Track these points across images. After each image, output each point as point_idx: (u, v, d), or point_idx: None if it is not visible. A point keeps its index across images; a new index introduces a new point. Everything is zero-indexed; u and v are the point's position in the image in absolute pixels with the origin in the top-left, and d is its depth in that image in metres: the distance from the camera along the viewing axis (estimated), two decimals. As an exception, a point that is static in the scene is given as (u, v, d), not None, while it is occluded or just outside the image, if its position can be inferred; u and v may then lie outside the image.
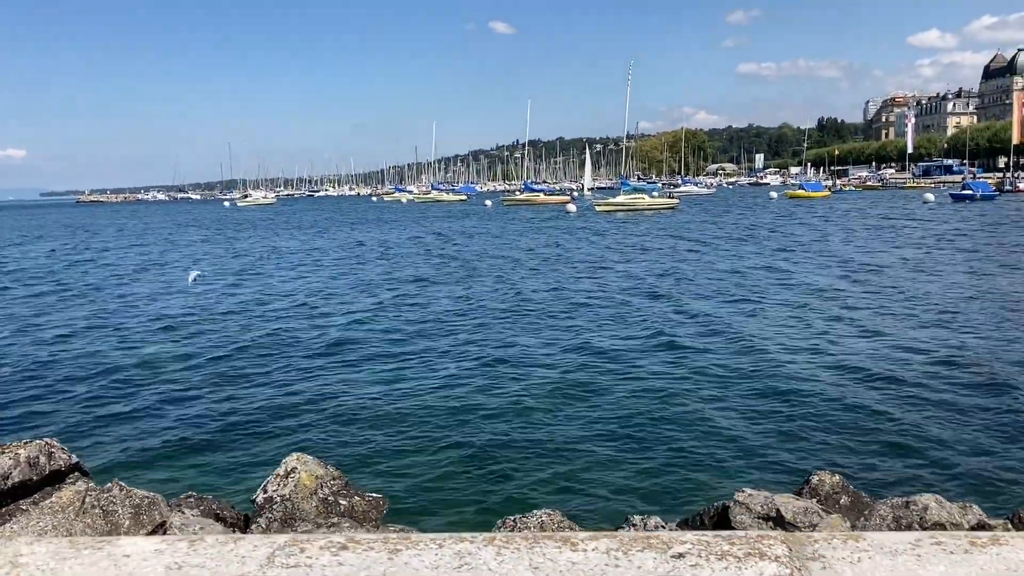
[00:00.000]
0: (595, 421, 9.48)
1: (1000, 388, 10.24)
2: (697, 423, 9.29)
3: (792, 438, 8.74)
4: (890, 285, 19.92)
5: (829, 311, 16.38)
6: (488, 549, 2.25)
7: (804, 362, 11.98)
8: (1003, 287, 19.08)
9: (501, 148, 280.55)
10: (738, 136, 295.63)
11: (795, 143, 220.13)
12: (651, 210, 65.30)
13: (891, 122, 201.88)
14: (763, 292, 19.40)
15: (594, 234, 42.62)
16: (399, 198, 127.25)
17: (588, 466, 8.10)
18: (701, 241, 35.92)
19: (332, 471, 6.17)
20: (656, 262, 27.31)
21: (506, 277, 24.11)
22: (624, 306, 17.81)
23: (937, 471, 7.70)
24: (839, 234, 37.87)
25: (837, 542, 2.23)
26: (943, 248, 29.59)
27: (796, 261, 26.52)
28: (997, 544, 2.16)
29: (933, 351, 12.39)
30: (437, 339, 14.57)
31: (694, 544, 2.22)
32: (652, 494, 7.43)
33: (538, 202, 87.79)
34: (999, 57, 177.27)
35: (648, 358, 12.51)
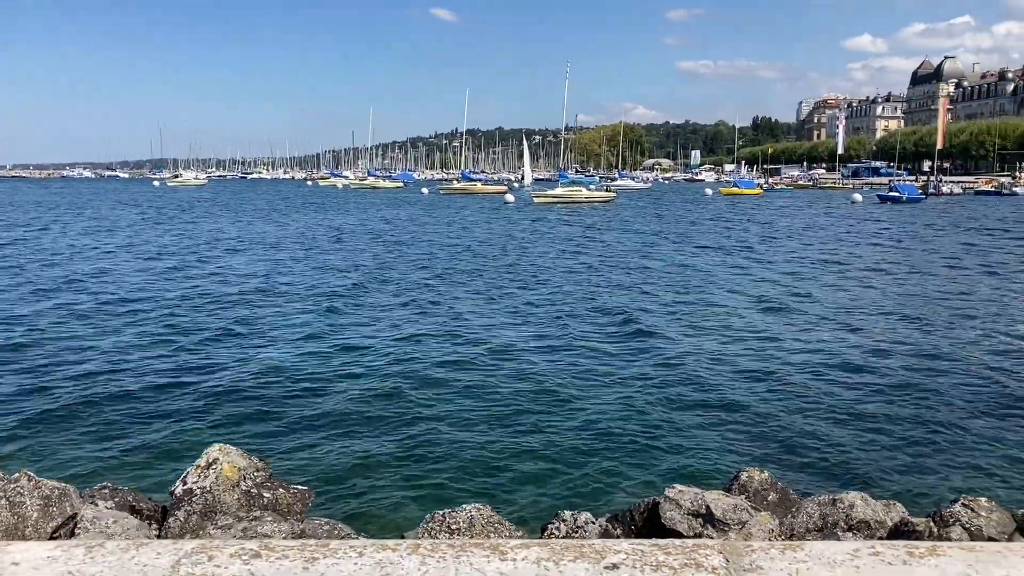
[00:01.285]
0: (529, 414, 9.39)
1: (922, 387, 10.46)
2: (629, 418, 9.27)
3: (723, 434, 8.78)
4: (819, 284, 20.32)
5: (760, 309, 16.60)
6: (412, 558, 2.11)
7: (734, 359, 12.08)
8: (928, 287, 19.61)
9: (440, 136, 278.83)
10: (675, 132, 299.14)
11: (730, 141, 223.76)
12: (588, 203, 65.62)
13: (823, 123, 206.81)
14: (695, 288, 19.60)
15: (540, 224, 42.63)
16: (335, 183, 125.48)
17: (520, 460, 8.00)
18: (641, 236, 36.19)
19: (256, 462, 5.95)
20: (601, 256, 27.40)
21: (458, 267, 23.91)
22: (570, 298, 17.80)
23: (863, 468, 7.81)
24: (771, 233, 38.57)
25: (775, 552, 2.15)
26: (873, 248, 30.35)
27: (730, 259, 26.88)
28: (934, 555, 2.11)
29: (859, 350, 12.64)
30: (372, 330, 14.32)
31: (628, 554, 2.12)
32: (584, 489, 7.37)
33: (475, 191, 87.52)
34: (927, 64, 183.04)
35: (584, 353, 12.49)
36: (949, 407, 9.61)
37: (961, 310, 16.33)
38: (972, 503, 5.24)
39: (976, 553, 2.14)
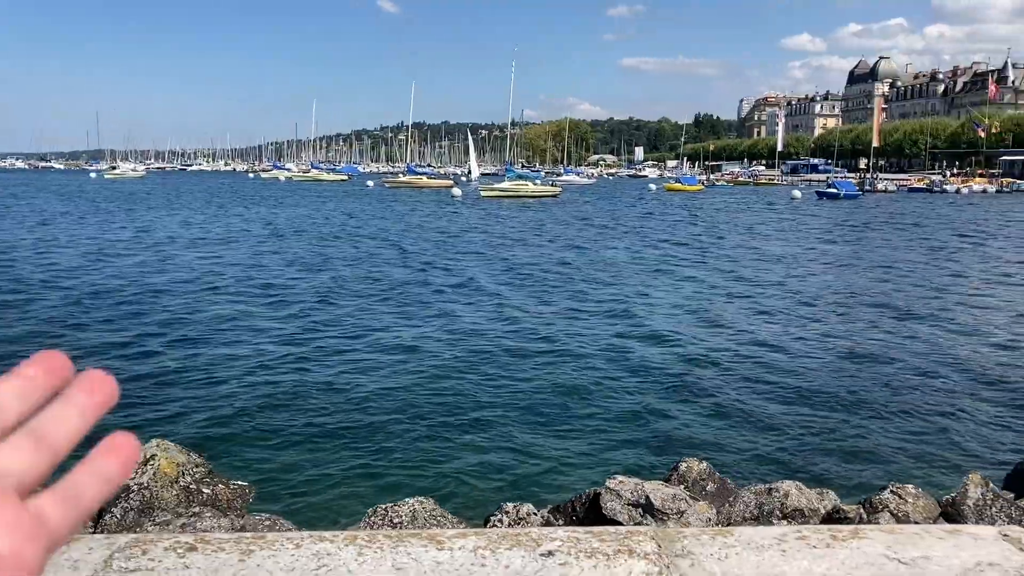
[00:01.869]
0: (473, 408, 9.41)
1: (856, 378, 10.75)
2: (573, 411, 9.35)
3: (665, 425, 8.91)
4: (758, 278, 20.70)
5: (703, 303, 16.86)
6: (349, 549, 2.12)
7: (675, 352, 12.26)
8: (864, 281, 20.12)
9: (385, 129, 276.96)
10: (619, 128, 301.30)
11: (673, 137, 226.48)
12: (534, 197, 65.81)
13: (763, 121, 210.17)
14: (639, 282, 19.81)
15: (492, 218, 42.59)
16: (277, 176, 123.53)
17: (463, 452, 8.02)
18: (588, 231, 36.41)
19: (195, 458, 5.88)
20: (550, 249, 27.51)
21: (410, 259, 23.78)
22: (518, 291, 17.84)
23: (798, 458, 8.00)
24: (714, 228, 39.14)
25: (706, 538, 2.22)
26: (812, 243, 30.99)
27: (673, 252, 27.22)
28: (857, 537, 2.19)
29: (797, 342, 12.92)
30: (315, 324, 14.19)
31: (564, 541, 2.16)
32: (527, 481, 7.42)
33: (421, 185, 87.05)
34: (863, 63, 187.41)
35: (528, 347, 12.54)
36: (881, 397, 9.90)
37: (895, 303, 16.79)
38: (900, 490, 5.42)
39: (895, 535, 2.23)
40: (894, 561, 2.07)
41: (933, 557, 2.12)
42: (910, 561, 2.08)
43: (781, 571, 1.96)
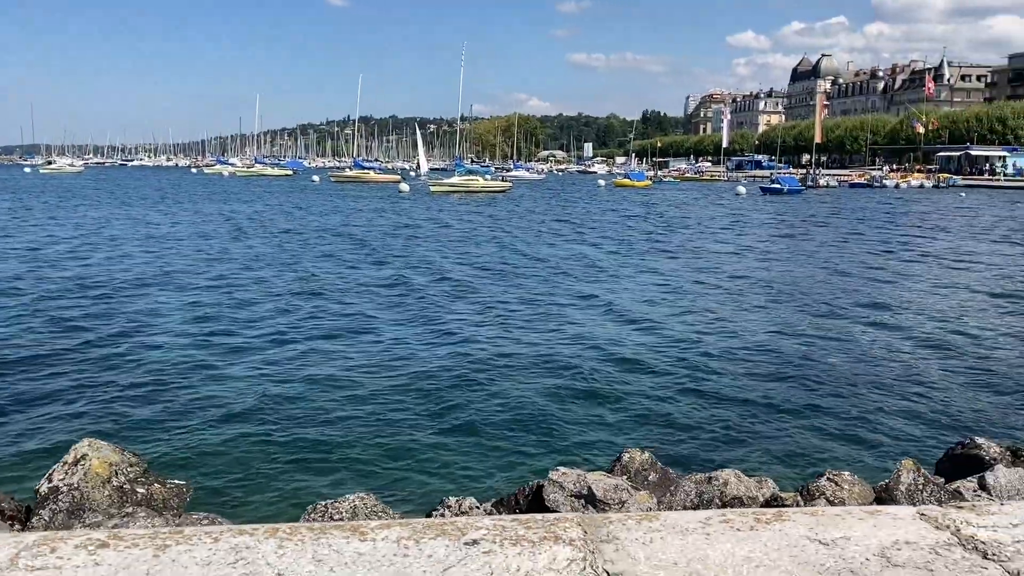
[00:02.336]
0: (415, 401, 9.36)
1: (796, 367, 10.93)
2: (518, 404, 9.34)
3: (609, 417, 8.96)
4: (702, 272, 20.96)
5: (647, 296, 17.00)
6: (269, 542, 2.07)
7: (619, 344, 12.34)
8: (805, 275, 20.49)
9: (331, 123, 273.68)
10: (568, 124, 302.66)
11: (621, 133, 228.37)
12: (485, 192, 65.77)
13: (709, 117, 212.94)
14: (585, 276, 19.92)
15: (442, 214, 42.41)
16: (221, 171, 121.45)
17: (407, 447, 7.96)
18: (540, 225, 36.47)
19: (130, 457, 5.73)
20: (500, 244, 27.49)
21: (360, 254, 23.54)
22: (471, 286, 17.79)
23: (739, 447, 8.10)
24: (661, 223, 39.53)
25: (632, 523, 2.22)
26: (757, 237, 31.47)
27: (619, 247, 27.42)
28: (780, 520, 2.21)
29: (739, 334, 13.10)
30: (253, 321, 13.98)
31: (489, 530, 2.14)
32: (472, 475, 7.40)
33: (368, 180, 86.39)
34: (805, 61, 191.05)
35: (471, 340, 12.52)
36: (819, 387, 10.08)
37: (835, 295, 17.13)
38: (836, 477, 5.51)
39: (818, 517, 2.26)
40: (815, 542, 2.10)
41: (853, 537, 2.15)
42: (830, 542, 2.11)
43: (704, 554, 1.97)
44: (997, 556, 2.09)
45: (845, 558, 2.04)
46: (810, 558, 2.03)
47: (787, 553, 2.02)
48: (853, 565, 2.00)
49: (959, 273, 21.26)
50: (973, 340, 12.77)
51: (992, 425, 8.70)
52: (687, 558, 1.97)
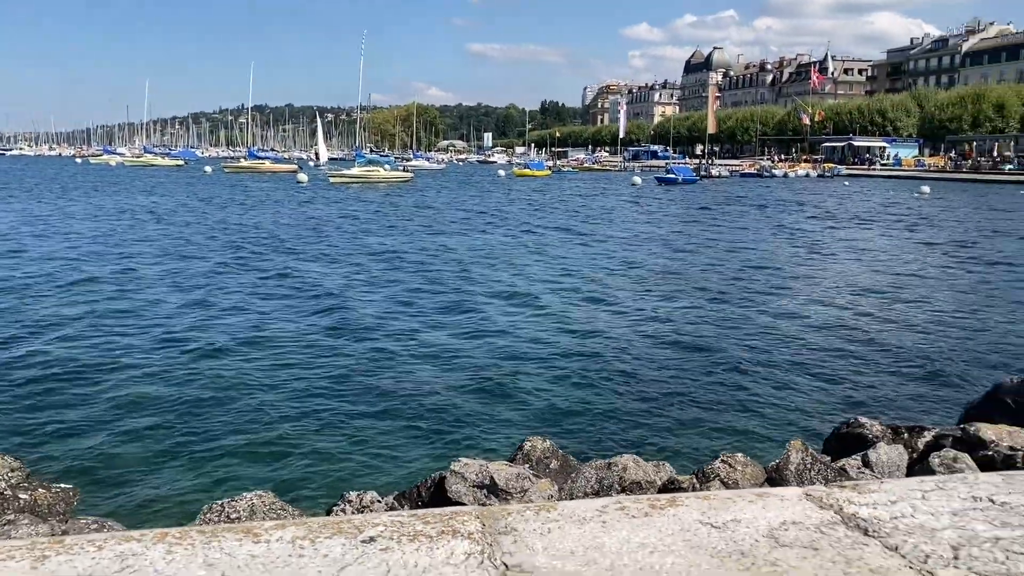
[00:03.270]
0: (316, 395, 9.20)
1: (694, 353, 11.22)
2: (421, 396, 9.30)
3: (510, 407, 9.00)
4: (604, 258, 21.29)
5: (552, 285, 17.15)
6: (158, 548, 1.99)
7: (520, 334, 12.42)
8: (702, 262, 21.05)
9: (225, 112, 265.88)
10: (468, 114, 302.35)
11: (521, 124, 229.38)
12: (387, 183, 65.07)
13: (606, 108, 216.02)
14: (488, 266, 19.96)
15: (344, 205, 41.67)
16: (107, 161, 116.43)
17: (308, 443, 7.82)
18: (444, 216, 36.32)
19: (11, 462, 5.46)
20: (399, 236, 27.21)
21: (247, 248, 22.89)
22: (368, 277, 17.55)
23: (639, 432, 8.26)
24: (562, 212, 39.92)
25: (530, 514, 2.23)
26: (650, 225, 32.13)
27: (522, 238, 27.56)
28: (674, 505, 2.27)
29: (637, 322, 13.36)
30: (142, 316, 13.47)
31: (387, 526, 2.12)
32: (373, 468, 7.32)
33: (264, 170, 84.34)
34: (698, 54, 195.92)
35: (377, 331, 12.38)
36: (714, 372, 10.37)
37: (726, 281, 17.66)
38: (730, 459, 5.68)
39: (710, 501, 2.33)
40: (707, 526, 2.16)
41: (743, 519, 2.23)
42: (721, 525, 2.17)
43: (601, 542, 2.00)
44: (877, 532, 2.20)
45: (736, 540, 2.10)
46: (703, 542, 2.09)
47: (681, 538, 2.07)
48: (743, 547, 2.07)
49: (844, 259, 22.22)
50: (857, 323, 13.38)
51: (878, 403, 9.13)
52: (584, 547, 1.99)
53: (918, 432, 6.48)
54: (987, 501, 2.42)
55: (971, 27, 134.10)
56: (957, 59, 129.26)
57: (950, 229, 31.68)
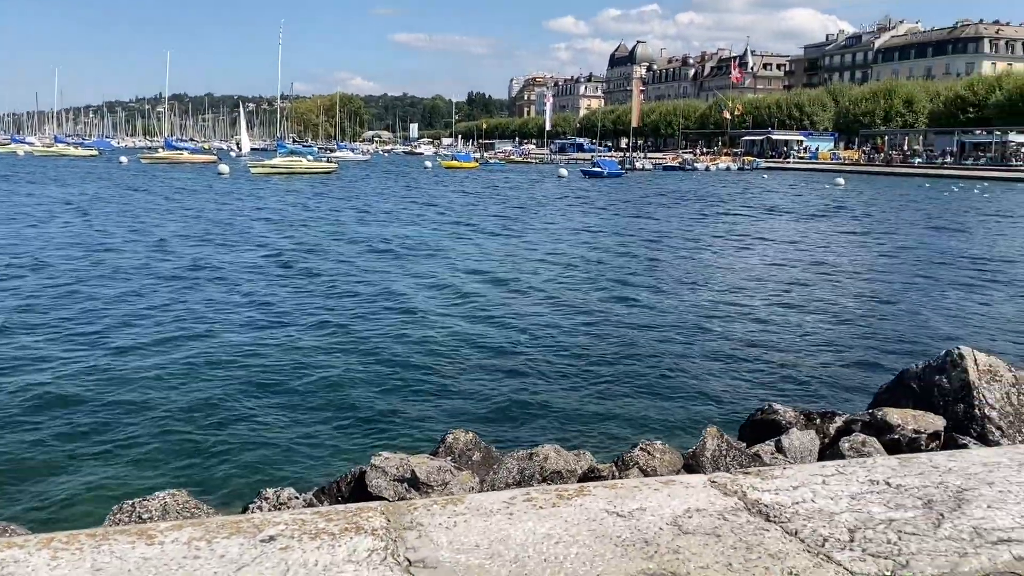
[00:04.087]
0: (236, 389, 8.99)
1: (615, 344, 11.33)
2: (342, 389, 9.17)
3: (435, 399, 8.95)
4: (529, 249, 21.35)
5: (477, 278, 17.11)
6: (42, 554, 1.90)
7: (444, 325, 12.36)
8: (628, 254, 21.29)
9: (142, 101, 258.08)
10: (393, 104, 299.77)
11: (447, 115, 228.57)
12: (310, 173, 64.07)
13: (532, 100, 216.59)
14: (414, 257, 19.82)
15: (267, 196, 40.79)
16: (15, 150, 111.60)
17: (225, 438, 7.64)
18: (367, 206, 35.89)
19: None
20: (314, 228, 26.80)
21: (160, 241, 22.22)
22: (287, 270, 17.22)
23: (560, 421, 8.30)
24: (490, 205, 39.89)
25: (436, 508, 2.20)
26: (581, 219, 32.37)
27: (450, 230, 27.45)
28: (581, 495, 2.27)
29: (557, 310, 13.43)
30: (59, 306, 12.97)
31: (288, 524, 2.06)
32: (294, 464, 7.19)
33: (182, 161, 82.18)
34: (622, 47, 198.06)
35: (295, 324, 12.18)
36: (636, 360, 10.49)
37: (654, 271, 17.90)
38: (648, 446, 5.75)
39: (616, 490, 2.34)
40: (613, 515, 2.17)
41: (648, 508, 2.24)
42: (627, 514, 2.19)
43: (507, 534, 1.98)
44: (778, 518, 2.24)
45: (640, 528, 2.12)
46: (608, 531, 2.09)
47: (586, 527, 2.08)
48: (648, 535, 2.09)
49: (762, 248, 22.75)
50: (775, 311, 13.71)
51: (794, 389, 9.37)
52: (489, 539, 1.98)
53: (829, 417, 6.67)
54: (883, 484, 2.49)
55: (883, 25, 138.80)
56: (870, 55, 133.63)
57: (863, 219, 32.76)
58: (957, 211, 37.29)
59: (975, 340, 11.27)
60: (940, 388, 6.37)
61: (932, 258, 20.99)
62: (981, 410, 6.03)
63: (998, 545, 2.10)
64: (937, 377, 6.44)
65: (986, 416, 6.01)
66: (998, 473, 2.61)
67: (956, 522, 2.24)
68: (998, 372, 6.29)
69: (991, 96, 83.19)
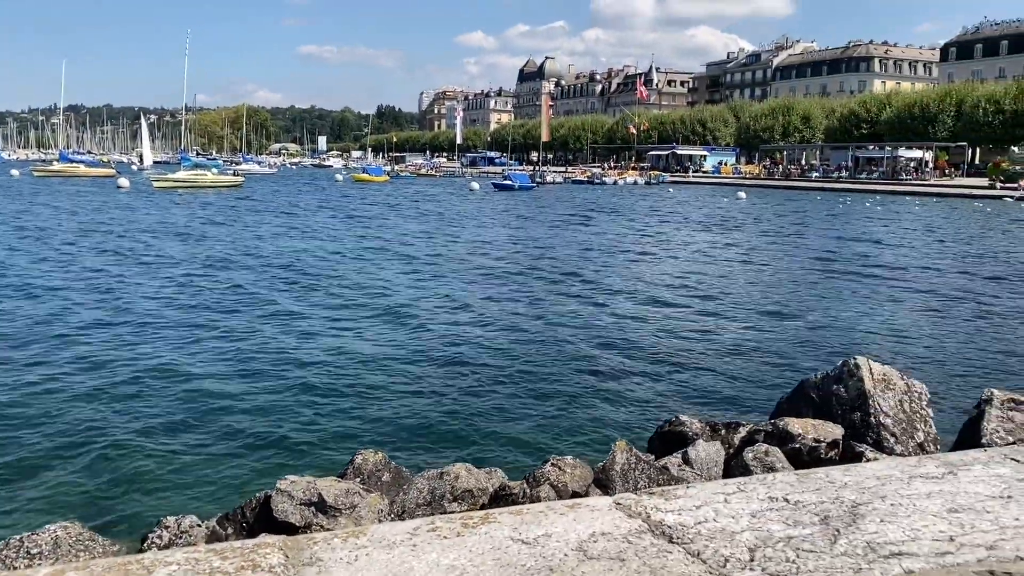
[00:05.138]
0: (135, 413, 8.65)
1: (525, 360, 11.35)
2: (248, 411, 8.93)
3: (344, 420, 8.79)
4: (441, 262, 21.26)
5: (384, 291, 16.92)
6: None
7: (349, 346, 12.18)
8: (532, 266, 21.39)
9: (35, 111, 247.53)
10: (301, 117, 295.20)
11: (356, 128, 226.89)
12: (215, 187, 62.54)
13: (443, 114, 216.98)
14: (321, 272, 19.50)
15: (171, 211, 39.48)
16: None
17: (123, 463, 7.34)
18: (274, 221, 35.14)
19: None
20: (228, 246, 26.08)
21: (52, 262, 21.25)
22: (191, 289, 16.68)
23: (471, 439, 8.25)
24: (398, 218, 39.62)
25: (337, 541, 2.14)
26: (495, 232, 32.40)
27: (352, 244, 27.14)
28: (486, 522, 2.25)
29: (465, 325, 13.39)
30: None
31: (180, 564, 1.97)
32: (196, 490, 6.94)
33: (79, 174, 79.14)
34: (531, 63, 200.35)
35: (198, 344, 11.80)
36: (549, 375, 10.52)
37: (565, 285, 18.03)
38: (559, 462, 5.77)
39: (522, 516, 2.32)
40: (518, 543, 2.15)
41: (553, 534, 2.23)
42: (532, 540, 2.17)
43: (410, 567, 1.94)
44: (681, 539, 2.26)
45: (546, 556, 2.11)
46: (512, 559, 2.07)
47: (491, 556, 2.05)
48: (553, 562, 2.08)
49: (668, 260, 23.21)
50: (683, 322, 13.97)
51: (703, 400, 9.54)
52: (392, 573, 1.93)
53: (734, 428, 6.83)
54: (783, 501, 2.55)
55: (780, 44, 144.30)
56: (769, 73, 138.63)
57: (764, 231, 33.83)
58: (850, 223, 38.87)
59: (870, 348, 11.73)
60: (838, 397, 6.60)
61: (829, 269, 21.79)
62: (877, 418, 6.27)
63: (890, 559, 2.17)
64: (835, 387, 6.67)
65: (881, 424, 6.25)
66: (890, 486, 2.70)
67: (851, 537, 2.31)
68: (892, 380, 6.55)
69: (882, 113, 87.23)
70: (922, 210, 49.03)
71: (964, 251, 26.63)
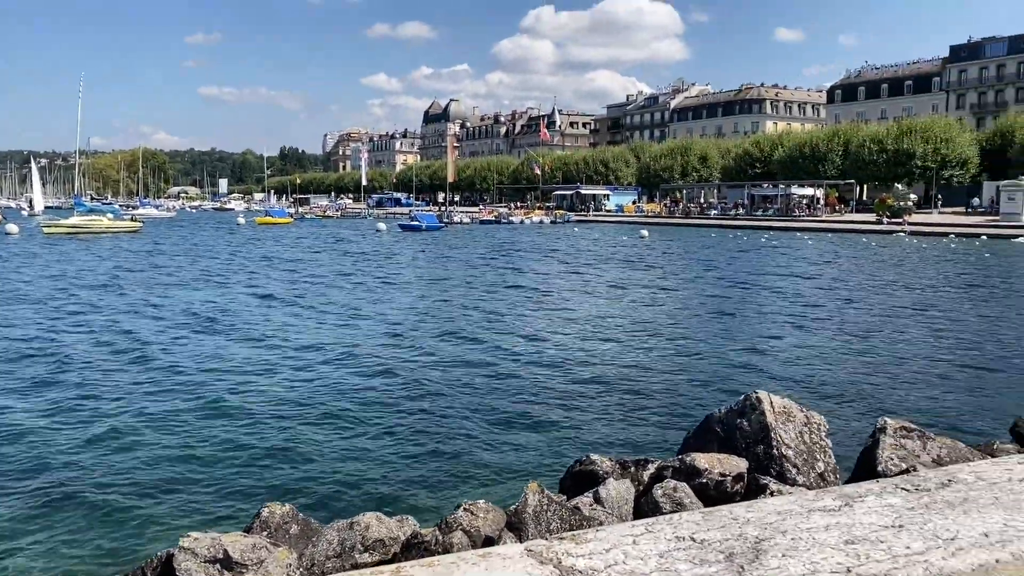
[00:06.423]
0: (26, 468, 8.21)
1: (433, 398, 11.27)
2: (147, 464, 8.60)
3: (246, 471, 8.55)
4: (344, 305, 20.99)
5: (291, 336, 16.59)
6: None
7: (256, 390, 11.89)
8: (435, 307, 21.35)
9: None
10: (201, 159, 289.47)
11: (258, 170, 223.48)
12: (111, 233, 60.47)
13: (347, 155, 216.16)
14: (232, 317, 19.01)
15: (63, 261, 37.82)
16: None
17: (10, 524, 6.97)
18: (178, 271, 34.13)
19: None
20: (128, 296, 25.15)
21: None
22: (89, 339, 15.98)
23: (382, 486, 8.14)
24: (307, 260, 39.06)
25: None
26: (397, 270, 32.22)
27: (270, 288, 26.59)
28: None
29: (376, 368, 13.23)
30: None
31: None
32: (94, 551, 6.65)
33: (-40, 220, 75.40)
34: (436, 104, 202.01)
35: (95, 394, 11.31)
36: (457, 417, 10.48)
37: (475, 326, 18.01)
38: (472, 507, 5.73)
39: (434, 568, 2.30)
40: (429, 597, 2.13)
41: (465, 586, 2.22)
42: (444, 594, 2.15)
43: (320, 628, 1.87)
44: (592, 583, 2.28)
45: (458, 609, 2.09)
46: (425, 615, 2.05)
47: (402, 613, 2.02)
48: (465, 615, 2.06)
49: (574, 299, 23.47)
50: (592, 360, 14.11)
51: (613, 438, 9.63)
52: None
53: (643, 465, 6.92)
54: (689, 540, 2.60)
55: (677, 87, 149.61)
56: (667, 115, 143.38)
57: (667, 268, 34.68)
58: (748, 259, 40.21)
59: (772, 381, 12.11)
60: (742, 431, 6.78)
61: (730, 304, 22.44)
62: (779, 450, 6.46)
63: (792, 593, 2.24)
64: (739, 420, 6.85)
65: (784, 455, 6.44)
66: (790, 521, 2.80)
67: (755, 573, 2.37)
68: (792, 413, 6.77)
69: (775, 152, 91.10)
70: (816, 244, 51.19)
71: (861, 283, 27.87)
